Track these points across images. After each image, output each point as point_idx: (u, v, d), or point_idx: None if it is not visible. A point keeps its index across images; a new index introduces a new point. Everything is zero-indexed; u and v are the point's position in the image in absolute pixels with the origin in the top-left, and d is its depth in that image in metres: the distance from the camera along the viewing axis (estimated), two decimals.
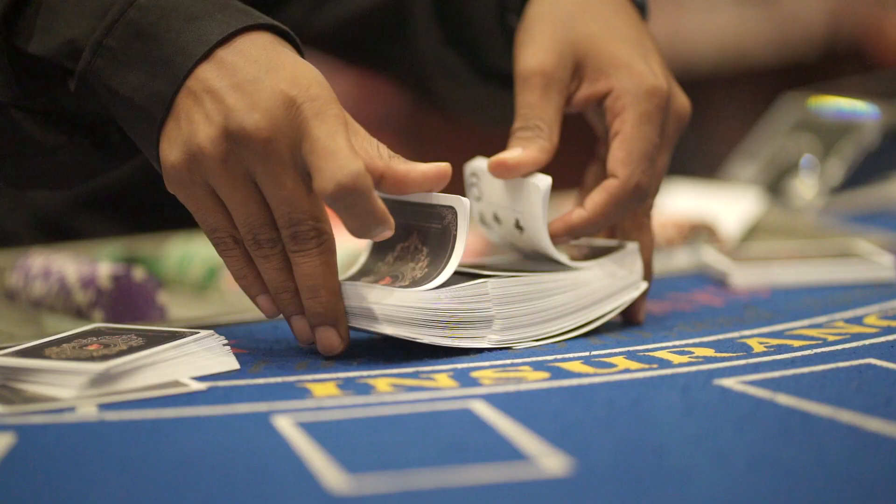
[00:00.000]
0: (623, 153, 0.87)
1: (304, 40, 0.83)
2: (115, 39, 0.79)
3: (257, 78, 0.77)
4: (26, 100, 0.83)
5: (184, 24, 0.78)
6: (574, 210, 0.87)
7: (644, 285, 0.88)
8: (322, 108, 0.76)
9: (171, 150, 0.78)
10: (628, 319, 0.89)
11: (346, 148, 0.76)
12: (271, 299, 0.80)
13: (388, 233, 0.78)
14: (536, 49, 0.91)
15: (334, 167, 0.75)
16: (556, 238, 0.87)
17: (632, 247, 0.88)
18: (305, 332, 0.80)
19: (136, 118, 0.79)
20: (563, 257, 0.85)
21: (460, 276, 0.81)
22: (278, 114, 0.76)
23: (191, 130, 0.77)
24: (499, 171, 0.87)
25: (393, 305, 0.78)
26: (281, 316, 0.81)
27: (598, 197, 0.87)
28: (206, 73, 0.77)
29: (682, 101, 0.92)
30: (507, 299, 0.82)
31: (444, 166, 0.81)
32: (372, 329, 0.79)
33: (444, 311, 0.79)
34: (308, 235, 0.77)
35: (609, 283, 0.86)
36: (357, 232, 0.78)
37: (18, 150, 0.85)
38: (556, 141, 0.88)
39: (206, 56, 0.78)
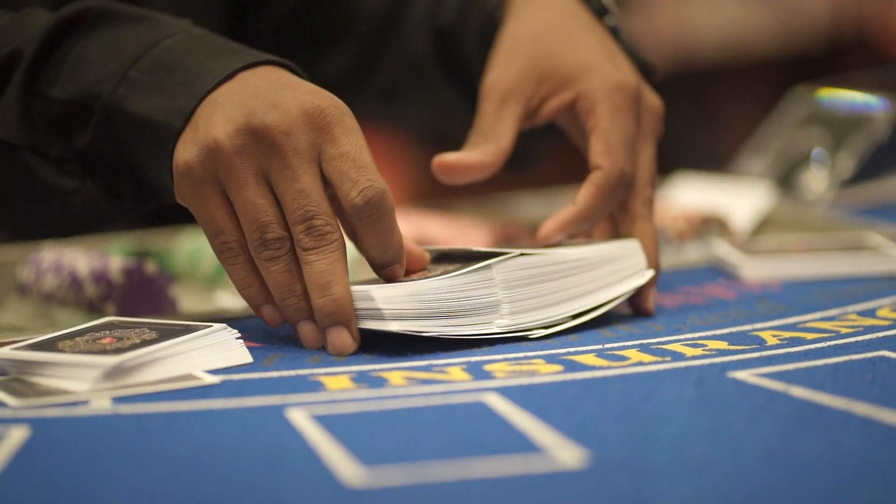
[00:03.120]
0: (602, 145, 0.89)
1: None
2: (139, 71, 0.81)
3: (276, 89, 0.79)
4: (42, 144, 0.84)
5: (207, 57, 0.81)
6: (565, 209, 0.88)
7: (650, 273, 0.88)
8: (344, 117, 0.78)
9: (184, 151, 0.79)
10: (637, 310, 0.89)
11: (373, 164, 0.78)
12: (275, 309, 0.80)
13: (400, 268, 0.80)
14: (498, 67, 0.94)
15: (364, 180, 0.77)
16: (551, 237, 0.87)
17: (632, 240, 0.88)
18: (313, 336, 0.80)
19: (153, 136, 0.80)
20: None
21: (465, 262, 0.81)
22: (298, 114, 0.77)
23: (208, 129, 0.78)
24: (441, 171, 0.89)
25: (399, 300, 0.78)
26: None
27: (585, 191, 0.88)
28: (229, 88, 0.79)
29: (652, 98, 0.94)
30: (513, 283, 0.82)
31: (425, 256, 0.83)
32: (380, 328, 0.79)
33: (450, 299, 0.79)
34: (323, 230, 0.77)
35: (614, 268, 0.86)
36: (374, 250, 0.79)
37: (30, 194, 0.86)
38: (506, 146, 0.91)
39: (229, 77, 0.79)
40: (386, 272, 0.81)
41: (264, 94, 0.78)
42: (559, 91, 0.92)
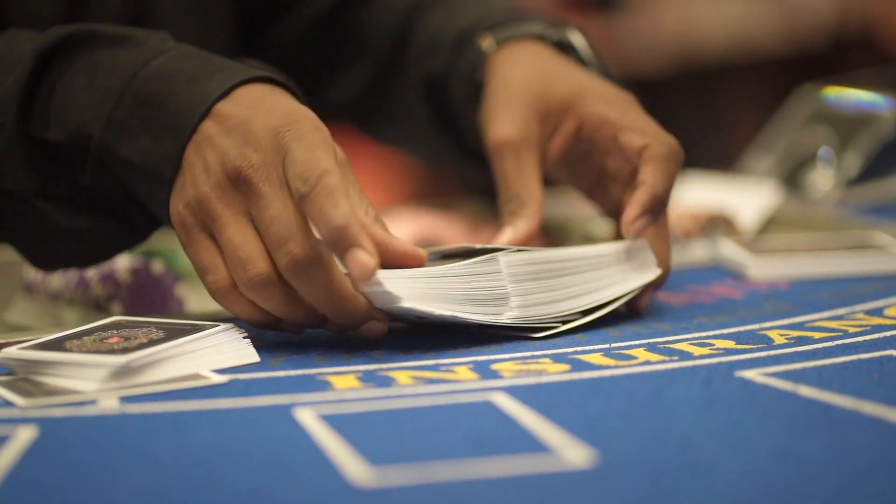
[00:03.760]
0: (635, 132, 0.89)
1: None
2: (122, 111, 0.82)
3: (248, 119, 0.79)
4: (48, 187, 0.85)
5: (185, 87, 0.81)
6: (635, 193, 0.87)
7: (658, 270, 0.88)
8: (304, 133, 0.77)
9: (176, 202, 0.80)
10: (630, 308, 0.88)
11: (323, 158, 0.75)
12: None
13: (367, 258, 0.74)
14: (500, 121, 0.94)
15: (306, 168, 0.75)
16: (638, 223, 0.86)
17: (640, 240, 0.88)
18: (344, 329, 0.80)
19: (148, 182, 0.81)
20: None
21: (466, 257, 0.81)
22: (266, 142, 0.77)
23: (193, 178, 0.79)
24: None
25: (405, 281, 0.78)
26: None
27: (647, 167, 0.88)
28: (207, 128, 0.79)
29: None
30: (522, 276, 0.82)
31: (421, 254, 0.80)
32: (392, 306, 0.77)
33: (458, 288, 0.79)
34: (299, 257, 0.75)
35: (622, 266, 0.86)
36: (326, 240, 0.75)
37: (46, 237, 0.87)
38: (541, 199, 0.92)
39: (206, 113, 0.80)
40: (346, 263, 0.75)
41: (237, 129, 0.78)
42: (561, 122, 0.93)
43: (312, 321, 0.79)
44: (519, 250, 0.82)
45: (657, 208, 0.87)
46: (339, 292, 0.76)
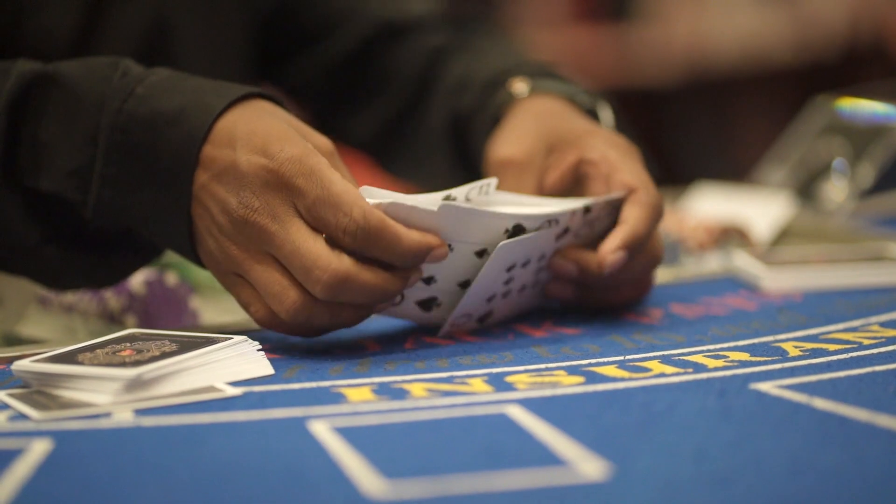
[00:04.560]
0: (628, 174, 0.91)
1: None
2: (113, 166, 0.83)
3: (233, 160, 0.80)
4: (53, 231, 0.86)
5: (166, 130, 0.82)
6: (617, 228, 0.88)
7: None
8: (302, 168, 0.79)
9: (202, 252, 0.83)
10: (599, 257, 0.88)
11: (348, 190, 0.78)
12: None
13: (441, 250, 0.80)
14: (509, 142, 0.95)
15: (342, 218, 0.78)
16: (615, 255, 0.87)
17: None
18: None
19: (163, 235, 0.84)
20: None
21: None
22: (259, 183, 0.79)
23: (206, 228, 0.81)
24: None
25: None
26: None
27: (633, 210, 0.89)
28: (199, 177, 0.81)
29: None
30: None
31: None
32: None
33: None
34: (323, 279, 0.78)
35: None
36: (397, 263, 0.79)
37: (58, 275, 0.89)
38: None
39: (196, 161, 0.81)
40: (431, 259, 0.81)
41: (226, 173, 0.80)
42: (563, 157, 0.93)
43: (361, 317, 0.82)
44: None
45: (634, 246, 0.88)
46: (380, 277, 0.79)
